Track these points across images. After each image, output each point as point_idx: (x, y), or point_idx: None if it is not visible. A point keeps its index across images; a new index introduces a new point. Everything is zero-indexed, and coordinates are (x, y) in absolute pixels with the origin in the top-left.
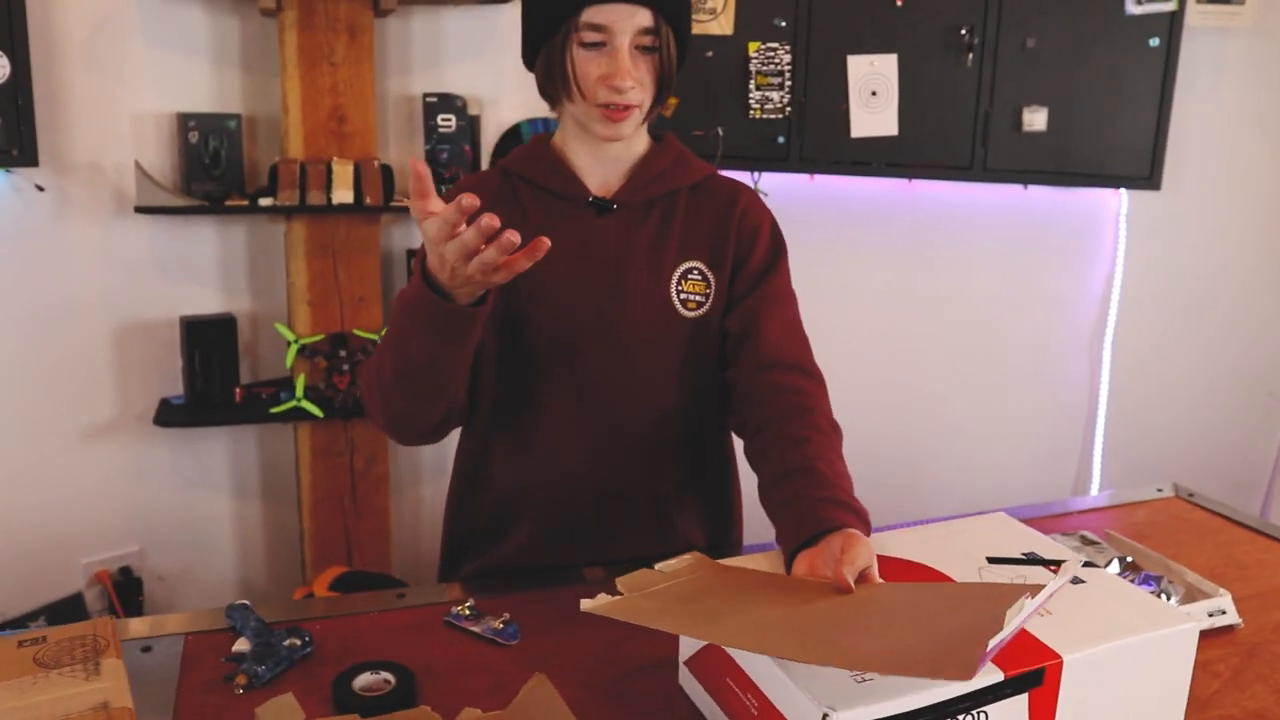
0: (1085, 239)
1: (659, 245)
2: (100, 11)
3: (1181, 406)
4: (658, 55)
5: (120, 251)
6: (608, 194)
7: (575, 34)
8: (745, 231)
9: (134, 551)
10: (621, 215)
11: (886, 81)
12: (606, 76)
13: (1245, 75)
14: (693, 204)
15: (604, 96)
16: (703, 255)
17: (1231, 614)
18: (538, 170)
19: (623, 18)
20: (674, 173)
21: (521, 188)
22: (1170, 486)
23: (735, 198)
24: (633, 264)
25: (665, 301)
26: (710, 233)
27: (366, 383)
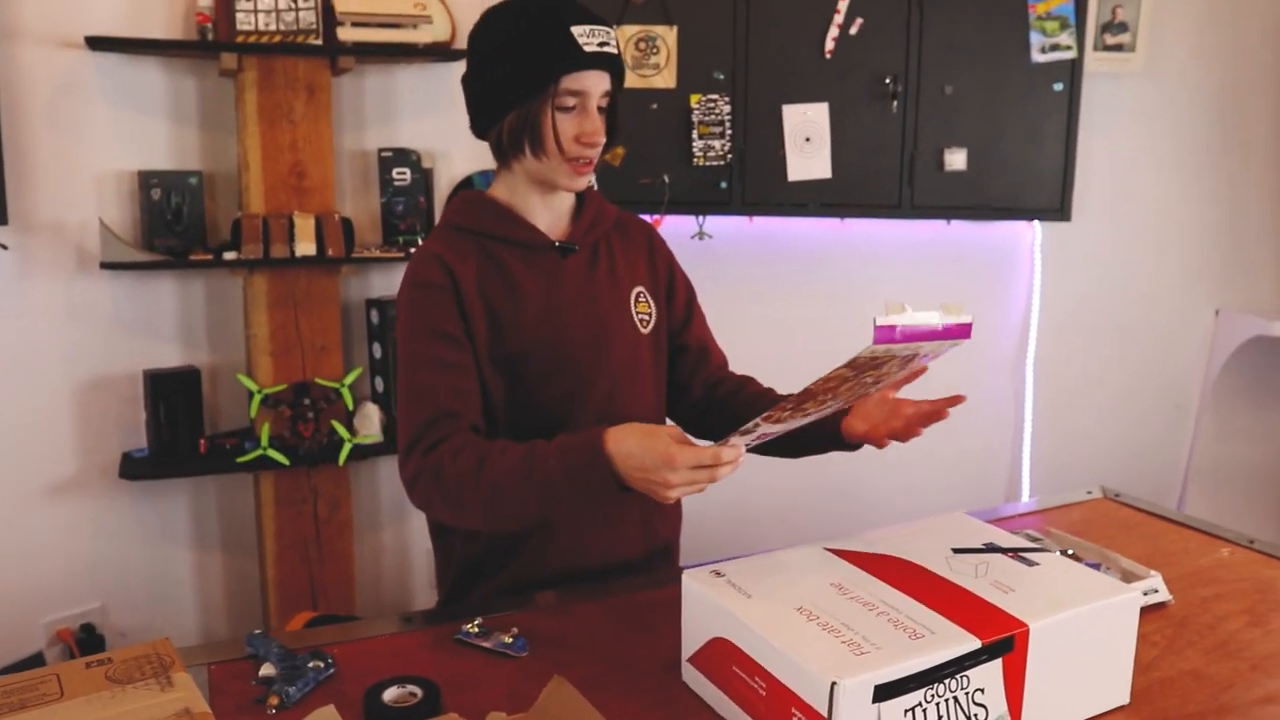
0: (1004, 268)
1: (614, 276)
2: (61, 74)
3: (1100, 419)
4: (609, 114)
5: (83, 307)
6: (558, 237)
7: (555, 99)
8: (662, 263)
9: (96, 608)
10: (581, 255)
11: (819, 128)
12: (584, 135)
13: (1138, 114)
14: (620, 240)
15: (577, 152)
16: (643, 281)
17: (1164, 592)
18: (499, 224)
19: (595, 83)
20: (602, 214)
21: (487, 242)
22: (1098, 489)
23: (648, 234)
24: (603, 295)
25: (630, 323)
26: (642, 264)
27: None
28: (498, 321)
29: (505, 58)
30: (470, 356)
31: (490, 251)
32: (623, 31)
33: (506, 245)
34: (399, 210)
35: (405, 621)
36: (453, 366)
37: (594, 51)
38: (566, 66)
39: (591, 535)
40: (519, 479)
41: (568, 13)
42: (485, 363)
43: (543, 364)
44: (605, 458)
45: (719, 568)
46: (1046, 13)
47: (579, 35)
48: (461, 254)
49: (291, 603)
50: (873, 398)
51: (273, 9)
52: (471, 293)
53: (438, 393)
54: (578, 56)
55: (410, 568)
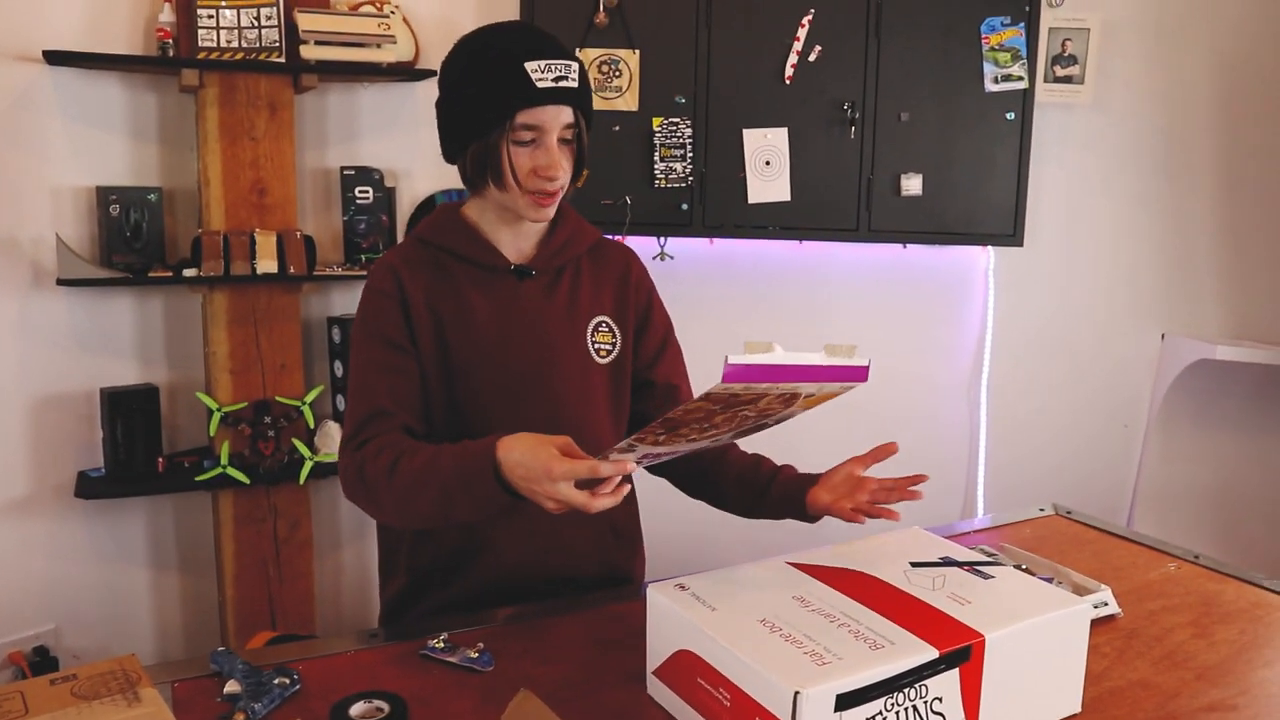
0: (959, 291)
1: (573, 304)
2: (17, 88)
3: (1051, 439)
4: (574, 144)
5: (38, 324)
6: (523, 261)
7: (510, 133)
8: (641, 294)
9: (49, 630)
10: (540, 280)
11: (779, 152)
12: (540, 169)
13: (1087, 144)
14: (592, 267)
15: (536, 185)
16: (608, 310)
17: (1113, 605)
18: (459, 242)
19: (551, 117)
20: (575, 239)
21: (444, 258)
22: (1050, 506)
23: (627, 263)
24: (555, 321)
25: (584, 351)
26: (611, 293)
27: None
28: (443, 334)
29: (465, 91)
30: (413, 362)
31: (445, 267)
32: (586, 54)
33: (463, 263)
34: (361, 228)
35: (370, 637)
36: (393, 370)
37: (548, 88)
38: (521, 103)
39: (540, 558)
40: (422, 480)
41: (524, 48)
42: (430, 371)
43: (483, 381)
44: (494, 464)
45: (683, 581)
46: (999, 44)
47: (533, 71)
48: (415, 266)
49: (250, 623)
50: (840, 470)
51: (235, 26)
52: (419, 303)
53: (375, 393)
54: (531, 93)
55: (370, 587)
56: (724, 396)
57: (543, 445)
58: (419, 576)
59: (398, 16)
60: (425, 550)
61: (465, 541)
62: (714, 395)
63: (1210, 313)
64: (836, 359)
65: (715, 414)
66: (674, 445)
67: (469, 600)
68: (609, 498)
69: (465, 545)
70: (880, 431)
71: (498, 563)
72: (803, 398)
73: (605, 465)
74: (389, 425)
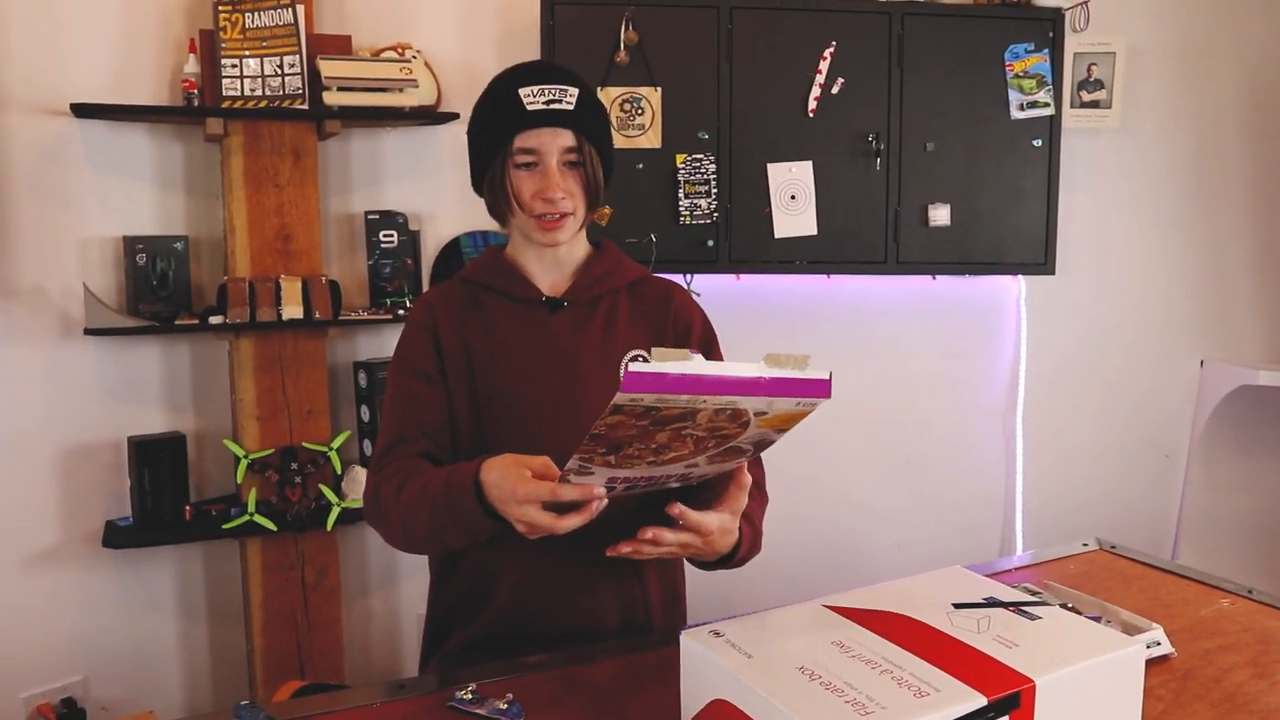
0: (991, 322)
1: (607, 337)
2: (46, 141)
3: (1090, 470)
4: (582, 169)
5: (66, 374)
6: (556, 293)
7: (511, 158)
8: (679, 327)
9: (77, 681)
10: (572, 312)
11: (804, 186)
12: (540, 191)
13: (1117, 168)
14: (632, 301)
15: (539, 209)
16: (645, 345)
17: (1166, 645)
18: (494, 277)
19: (548, 140)
20: (614, 273)
21: (480, 293)
22: (1094, 541)
23: (669, 296)
24: (586, 354)
25: (615, 385)
26: (650, 327)
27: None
28: (472, 365)
29: (474, 123)
30: (441, 392)
31: (481, 301)
32: (607, 93)
33: (496, 296)
34: (386, 272)
35: (398, 689)
36: (420, 399)
37: (537, 110)
38: (515, 127)
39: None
40: (418, 501)
41: (521, 76)
42: (458, 401)
43: (507, 410)
44: (475, 484)
45: (717, 627)
46: (1024, 71)
47: (525, 96)
48: (450, 301)
49: (278, 672)
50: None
51: (258, 74)
52: (450, 335)
53: (401, 421)
54: (522, 116)
55: (400, 634)
56: (635, 409)
57: (515, 466)
58: (442, 612)
59: (419, 61)
60: (448, 587)
61: (476, 582)
62: (624, 407)
63: (1250, 337)
64: (780, 370)
65: (652, 431)
66: (635, 469)
67: (490, 641)
68: (577, 517)
69: (476, 586)
70: (913, 466)
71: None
72: (754, 415)
73: (566, 489)
74: (409, 451)
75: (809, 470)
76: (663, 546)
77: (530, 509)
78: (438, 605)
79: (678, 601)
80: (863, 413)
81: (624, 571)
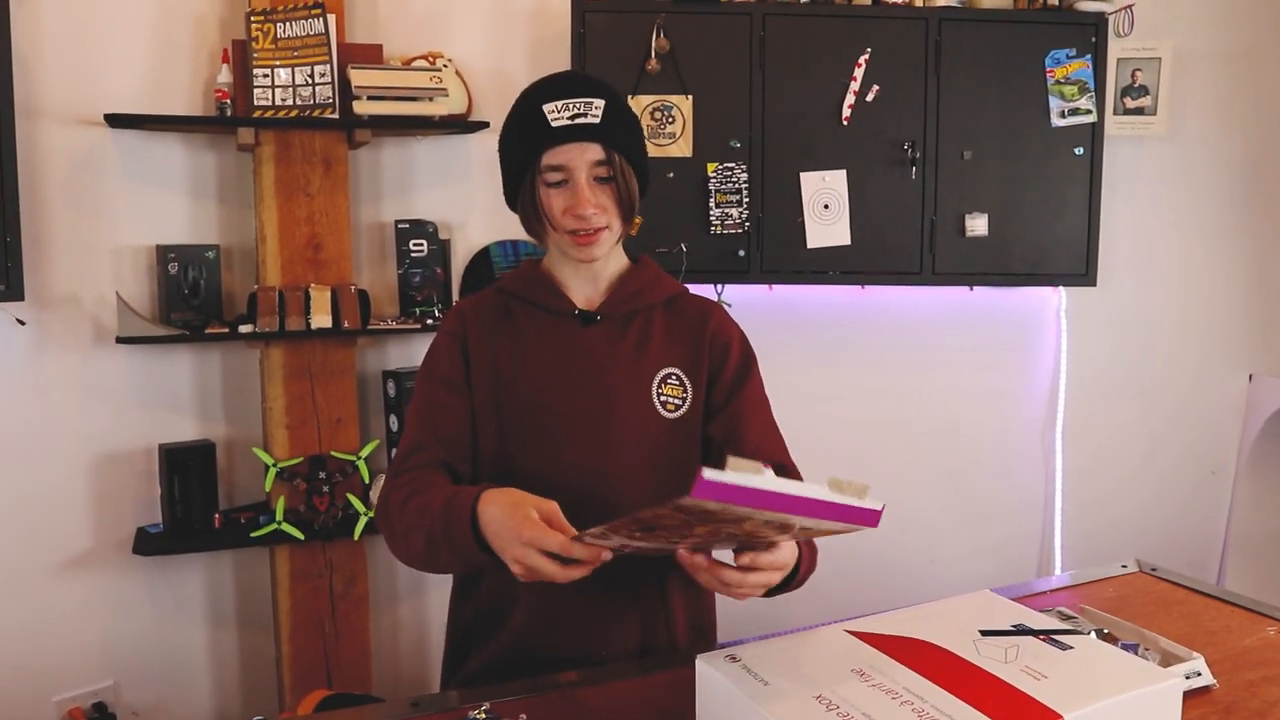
0: (1030, 334)
1: (640, 353)
2: (80, 149)
3: (1133, 489)
4: (614, 183)
5: (98, 382)
6: (591, 307)
7: (540, 176)
8: (717, 346)
9: (108, 686)
10: (605, 326)
11: (837, 195)
12: (570, 207)
13: (1161, 178)
14: (668, 318)
15: (571, 225)
16: (679, 363)
17: (1206, 675)
18: (529, 288)
19: (576, 156)
20: (650, 289)
21: (514, 304)
22: (1134, 562)
23: (706, 315)
24: (616, 369)
25: (647, 403)
26: (685, 345)
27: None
28: (499, 375)
29: (503, 141)
30: (464, 401)
31: (513, 312)
32: (638, 101)
33: (529, 306)
34: (416, 281)
35: (412, 706)
36: (443, 407)
37: (563, 126)
38: (541, 144)
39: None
40: (419, 518)
41: (546, 92)
42: (482, 411)
43: (531, 422)
44: (472, 514)
45: (734, 652)
46: (1065, 77)
47: (549, 112)
48: (482, 310)
49: (306, 680)
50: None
51: (289, 84)
52: (479, 344)
53: (421, 429)
54: (547, 133)
55: (428, 644)
56: (697, 510)
57: (521, 506)
58: (462, 632)
59: (450, 70)
60: (467, 605)
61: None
62: (686, 507)
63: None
64: (841, 496)
65: (693, 524)
66: (655, 543)
67: (510, 664)
68: (580, 570)
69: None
70: (950, 487)
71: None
72: (799, 528)
73: (579, 547)
74: (425, 459)
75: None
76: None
77: (533, 553)
78: (457, 625)
79: (705, 627)
80: (898, 427)
81: (648, 594)
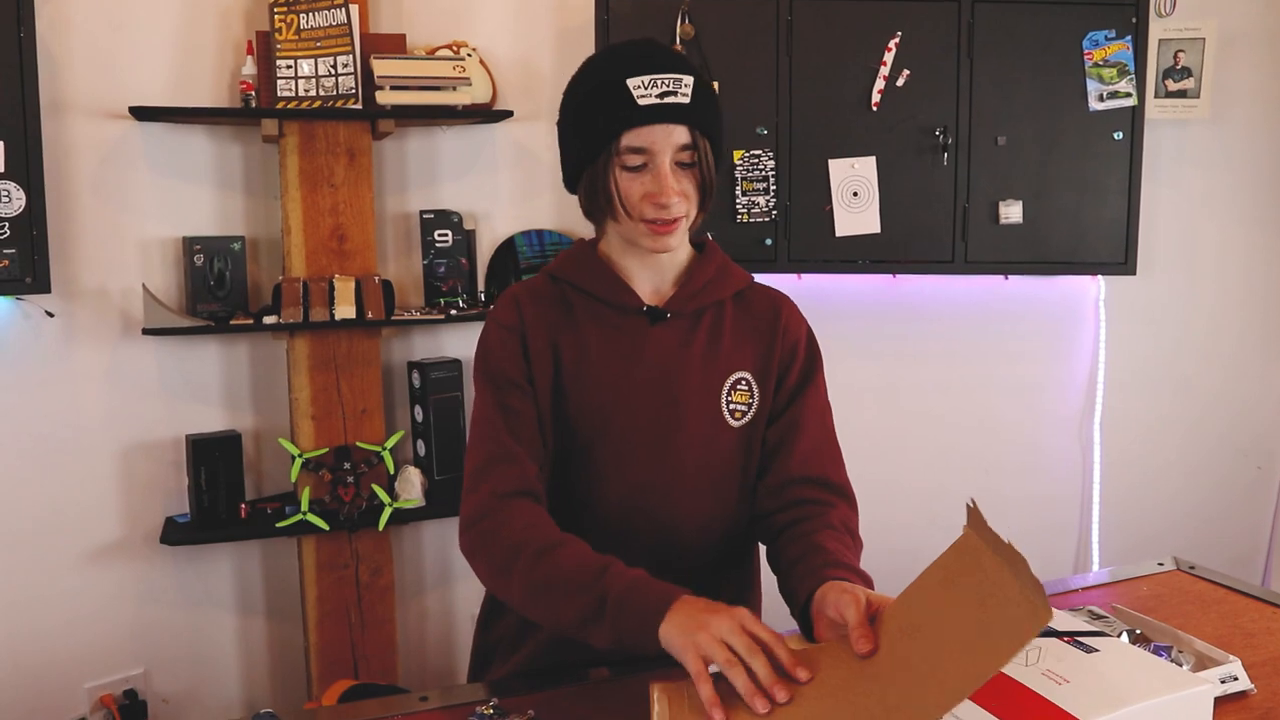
0: (1067, 325)
1: (711, 355)
2: (107, 142)
3: (1174, 483)
4: (698, 168)
5: (126, 373)
6: (659, 302)
7: (617, 158)
8: (787, 344)
9: (138, 674)
10: (675, 324)
11: (867, 182)
12: (651, 195)
13: (1205, 163)
14: (738, 314)
15: (650, 214)
16: (750, 365)
17: (1244, 680)
18: (589, 279)
19: (661, 138)
20: (719, 282)
21: (572, 295)
22: (1171, 560)
23: (778, 310)
24: (687, 374)
25: (716, 412)
26: (756, 345)
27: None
28: (560, 378)
29: (572, 116)
30: (530, 402)
31: (573, 305)
32: None
33: (592, 301)
34: (441, 272)
35: (420, 701)
36: (512, 411)
37: (651, 105)
38: (623, 123)
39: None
40: (574, 585)
41: (629, 64)
42: (544, 412)
43: (596, 435)
44: (671, 598)
45: None
46: (1103, 59)
47: (635, 88)
48: (540, 300)
49: (333, 669)
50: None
51: (313, 75)
52: (539, 338)
53: (497, 435)
54: (633, 112)
55: (455, 635)
56: None
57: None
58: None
59: (474, 59)
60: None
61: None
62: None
63: None
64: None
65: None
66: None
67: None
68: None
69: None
70: (985, 479)
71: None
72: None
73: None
74: (515, 472)
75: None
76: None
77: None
78: (487, 635)
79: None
80: (931, 420)
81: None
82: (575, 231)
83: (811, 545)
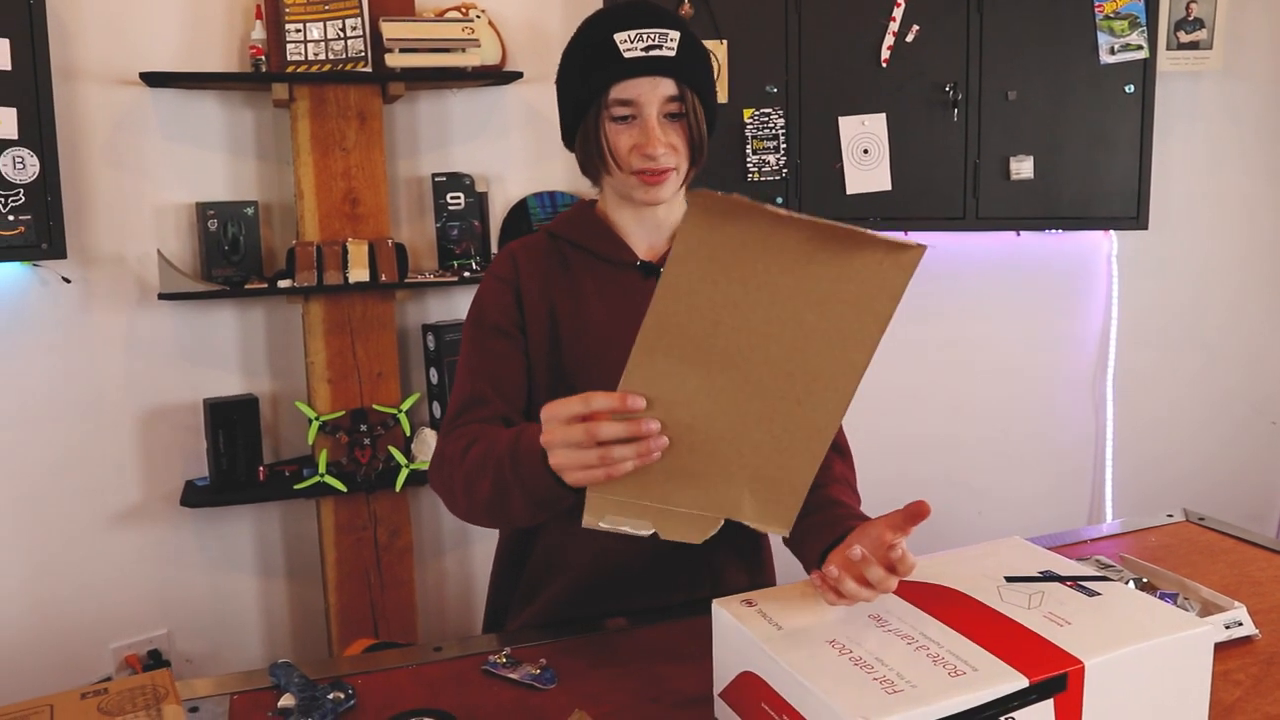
0: (1079, 280)
1: None
2: (120, 109)
3: (1188, 437)
4: (686, 121)
5: (144, 338)
6: (654, 258)
7: (605, 111)
8: None
9: (162, 634)
10: None
11: (877, 139)
12: (639, 145)
13: (1218, 115)
14: None
15: (638, 164)
16: None
17: (1249, 625)
18: (585, 235)
19: (647, 90)
20: None
21: (569, 251)
22: (1180, 512)
23: None
24: None
25: None
26: None
27: (446, 486)
28: (556, 330)
29: (564, 72)
30: (519, 350)
31: (569, 260)
32: None
33: (586, 255)
34: (454, 234)
35: (434, 651)
36: (497, 355)
37: (636, 57)
38: (610, 76)
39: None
40: (483, 462)
41: (616, 20)
42: (538, 365)
43: (592, 383)
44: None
45: (752, 596)
46: (1114, 11)
47: (621, 41)
48: (536, 254)
49: (353, 629)
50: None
51: (322, 39)
52: (533, 291)
53: (476, 379)
54: (620, 64)
55: (473, 596)
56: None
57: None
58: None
59: (483, 20)
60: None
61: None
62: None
63: None
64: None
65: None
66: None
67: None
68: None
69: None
70: (999, 434)
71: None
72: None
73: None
74: (484, 414)
75: (888, 435)
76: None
77: (560, 427)
78: (500, 587)
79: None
80: (944, 375)
81: (696, 561)
82: (588, 194)
83: (825, 498)
